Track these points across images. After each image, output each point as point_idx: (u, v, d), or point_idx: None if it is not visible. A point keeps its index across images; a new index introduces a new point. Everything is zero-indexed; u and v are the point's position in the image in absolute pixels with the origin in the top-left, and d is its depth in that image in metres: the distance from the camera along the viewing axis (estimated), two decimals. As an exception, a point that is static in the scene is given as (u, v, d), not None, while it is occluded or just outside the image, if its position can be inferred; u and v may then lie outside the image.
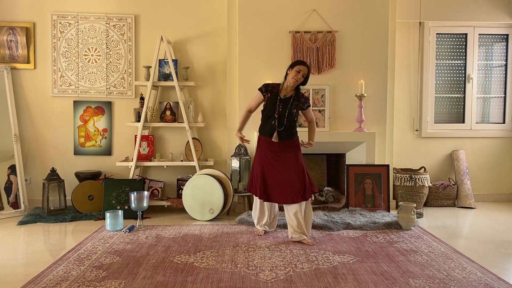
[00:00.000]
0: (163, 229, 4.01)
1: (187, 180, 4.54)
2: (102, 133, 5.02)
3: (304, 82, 3.62)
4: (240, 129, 3.83)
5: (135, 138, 4.76)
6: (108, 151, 5.03)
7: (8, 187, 4.65)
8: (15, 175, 4.69)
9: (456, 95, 5.46)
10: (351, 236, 3.82)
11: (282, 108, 3.57)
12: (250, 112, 3.81)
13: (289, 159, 3.61)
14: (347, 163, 4.76)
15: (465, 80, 5.41)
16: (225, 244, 3.57)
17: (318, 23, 4.74)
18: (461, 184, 5.17)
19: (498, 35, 5.42)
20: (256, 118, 4.72)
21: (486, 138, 5.41)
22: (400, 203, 4.07)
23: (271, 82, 3.79)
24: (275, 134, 3.58)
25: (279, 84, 3.69)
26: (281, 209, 3.94)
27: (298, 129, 4.84)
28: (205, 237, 3.76)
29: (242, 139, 3.78)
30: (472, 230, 4.19)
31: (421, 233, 3.90)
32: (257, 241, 3.64)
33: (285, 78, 3.64)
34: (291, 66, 3.60)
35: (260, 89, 3.70)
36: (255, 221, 3.91)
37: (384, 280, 2.82)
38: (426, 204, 5.11)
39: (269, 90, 3.66)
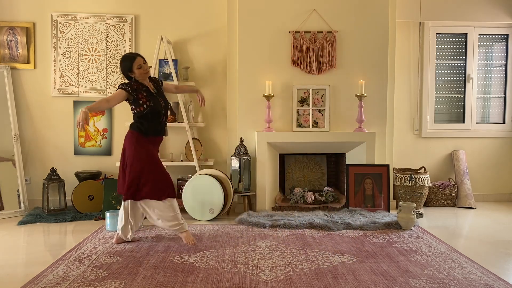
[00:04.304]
0: (163, 229, 4.01)
1: (187, 180, 4.54)
2: (102, 133, 5.02)
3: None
4: (91, 108, 3.28)
5: (135, 138, 4.75)
6: (108, 151, 5.03)
7: None
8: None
9: (456, 95, 5.46)
10: (351, 236, 3.82)
11: (163, 101, 3.57)
12: (107, 102, 3.40)
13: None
14: (347, 163, 4.77)
15: (465, 80, 5.41)
16: (225, 244, 3.57)
17: (318, 23, 4.74)
18: (461, 184, 5.17)
19: (498, 35, 5.42)
20: (256, 118, 4.75)
21: (486, 138, 5.41)
22: (400, 203, 4.07)
23: (124, 82, 3.49)
24: (164, 129, 3.58)
25: (136, 81, 3.47)
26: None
27: (299, 129, 4.85)
28: (205, 237, 3.76)
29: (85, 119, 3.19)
30: (472, 230, 4.19)
31: (421, 233, 3.90)
32: (257, 241, 3.64)
33: (131, 78, 3.48)
34: (129, 68, 3.42)
35: (123, 87, 3.39)
36: (131, 232, 3.56)
37: (384, 280, 2.82)
38: (426, 204, 5.11)
39: (135, 90, 3.41)
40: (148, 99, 3.46)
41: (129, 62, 3.45)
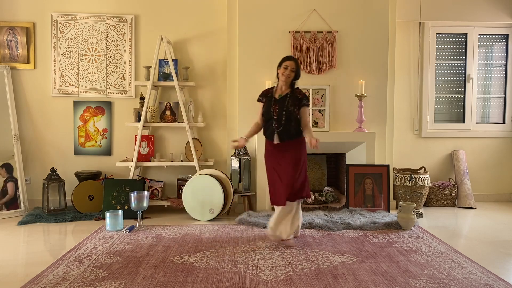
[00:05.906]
0: (163, 229, 4.01)
1: (187, 180, 4.54)
2: (102, 133, 5.02)
3: (296, 77, 3.59)
4: (248, 136, 3.72)
5: (135, 138, 4.76)
6: (108, 151, 5.03)
7: (5, 190, 4.63)
8: (13, 181, 4.66)
9: (456, 95, 5.46)
10: (351, 236, 3.82)
11: (279, 108, 3.53)
12: (258, 124, 3.71)
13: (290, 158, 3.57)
14: (347, 163, 4.76)
15: (465, 80, 5.41)
16: (225, 244, 3.57)
17: (318, 23, 4.74)
18: (461, 184, 5.17)
19: (498, 35, 5.42)
20: (256, 118, 4.73)
21: (486, 138, 5.41)
22: (400, 203, 4.07)
23: (268, 88, 3.80)
24: (275, 135, 3.54)
25: (273, 86, 3.69)
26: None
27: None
28: (205, 237, 3.76)
29: (237, 142, 3.69)
30: (472, 230, 4.19)
31: (421, 233, 3.90)
32: (257, 241, 3.64)
33: (277, 78, 3.63)
34: (279, 65, 3.59)
35: (258, 100, 3.70)
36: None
37: (384, 280, 2.82)
38: (426, 204, 5.11)
39: (264, 95, 3.66)
40: (265, 105, 3.62)
41: (281, 60, 3.60)
